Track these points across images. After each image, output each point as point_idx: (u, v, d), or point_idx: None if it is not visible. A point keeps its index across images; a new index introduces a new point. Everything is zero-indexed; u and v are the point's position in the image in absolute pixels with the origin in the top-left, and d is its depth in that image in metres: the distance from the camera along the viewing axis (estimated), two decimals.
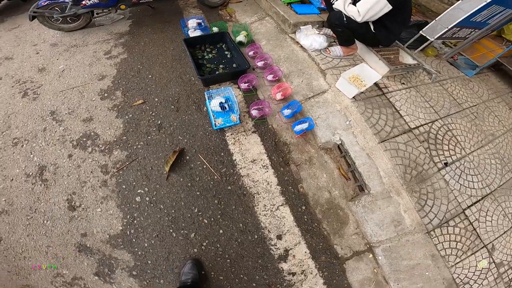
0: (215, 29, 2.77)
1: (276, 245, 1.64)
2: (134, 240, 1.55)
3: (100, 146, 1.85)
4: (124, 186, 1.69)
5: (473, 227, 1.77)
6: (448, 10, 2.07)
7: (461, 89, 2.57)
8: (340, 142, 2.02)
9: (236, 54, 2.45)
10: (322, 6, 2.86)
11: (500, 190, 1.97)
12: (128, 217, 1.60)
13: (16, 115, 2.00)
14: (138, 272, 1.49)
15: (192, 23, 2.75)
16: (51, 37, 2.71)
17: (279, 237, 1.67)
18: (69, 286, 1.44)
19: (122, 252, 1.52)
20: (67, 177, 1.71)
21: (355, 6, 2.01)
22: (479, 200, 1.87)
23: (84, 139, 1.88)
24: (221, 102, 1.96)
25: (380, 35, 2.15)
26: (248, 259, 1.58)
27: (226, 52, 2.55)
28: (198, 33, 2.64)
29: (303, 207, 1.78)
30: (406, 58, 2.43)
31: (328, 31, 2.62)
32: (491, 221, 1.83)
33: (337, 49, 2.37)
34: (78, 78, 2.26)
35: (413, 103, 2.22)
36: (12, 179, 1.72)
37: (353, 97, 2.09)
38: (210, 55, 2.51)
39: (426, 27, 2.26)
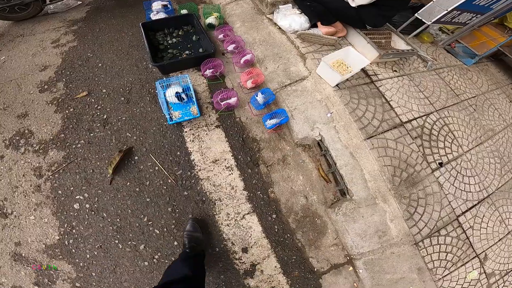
0: (183, 12, 2.45)
1: (241, 259, 1.42)
2: (74, 250, 1.38)
3: (34, 145, 1.58)
4: (60, 192, 1.46)
5: (466, 236, 1.55)
6: None
7: (459, 79, 2.29)
8: (320, 138, 1.74)
9: (203, 38, 2.14)
10: None
11: (498, 193, 1.75)
12: (65, 225, 1.42)
13: None
14: (82, 284, 1.33)
15: (156, 5, 2.42)
16: None
17: (244, 250, 1.44)
18: None
19: (61, 263, 1.36)
20: None
21: None
22: (475, 205, 1.64)
23: (17, 138, 1.60)
24: (177, 92, 1.67)
25: (364, 12, 1.85)
26: (209, 274, 1.37)
27: (193, 37, 2.24)
28: (162, 16, 2.32)
29: (274, 216, 1.53)
30: (399, 43, 2.14)
31: None
32: (486, 228, 1.62)
33: (316, 30, 2.06)
34: (18, 69, 1.96)
35: (405, 93, 1.94)
36: None
37: (337, 85, 1.81)
38: (174, 40, 2.20)
39: (423, 9, 1.98)
